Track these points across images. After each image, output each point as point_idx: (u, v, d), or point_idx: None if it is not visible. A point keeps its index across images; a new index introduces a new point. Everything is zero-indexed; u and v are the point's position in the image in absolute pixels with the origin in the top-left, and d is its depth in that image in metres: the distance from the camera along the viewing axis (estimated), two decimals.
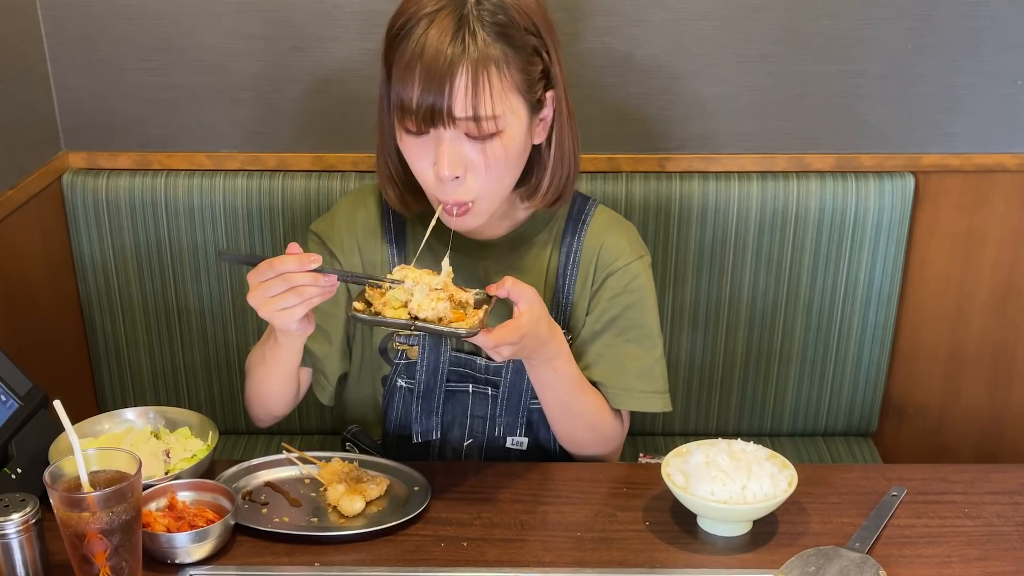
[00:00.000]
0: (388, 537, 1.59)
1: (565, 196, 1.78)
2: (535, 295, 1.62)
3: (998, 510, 1.66)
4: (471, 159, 1.62)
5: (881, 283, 2.31)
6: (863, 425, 2.45)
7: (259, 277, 1.54)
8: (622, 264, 1.82)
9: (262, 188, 2.26)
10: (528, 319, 1.60)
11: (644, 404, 1.85)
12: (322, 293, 1.55)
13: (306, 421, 2.43)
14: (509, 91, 1.61)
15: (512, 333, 1.57)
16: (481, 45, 1.57)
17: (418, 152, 1.64)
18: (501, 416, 1.85)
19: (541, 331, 1.64)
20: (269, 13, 2.19)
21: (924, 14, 2.18)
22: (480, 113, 1.58)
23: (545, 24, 1.66)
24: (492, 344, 1.57)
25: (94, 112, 2.27)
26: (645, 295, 1.84)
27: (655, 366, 1.85)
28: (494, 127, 1.60)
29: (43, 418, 1.69)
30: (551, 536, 1.60)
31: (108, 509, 1.36)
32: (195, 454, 1.72)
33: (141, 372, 2.40)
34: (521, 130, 1.65)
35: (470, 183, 1.64)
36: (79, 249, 2.30)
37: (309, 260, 1.52)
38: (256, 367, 1.82)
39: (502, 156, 1.63)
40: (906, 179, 2.27)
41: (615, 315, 1.82)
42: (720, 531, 1.60)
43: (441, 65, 1.56)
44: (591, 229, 1.84)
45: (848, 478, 1.75)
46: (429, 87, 1.56)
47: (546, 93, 1.68)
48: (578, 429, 1.83)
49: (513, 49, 1.60)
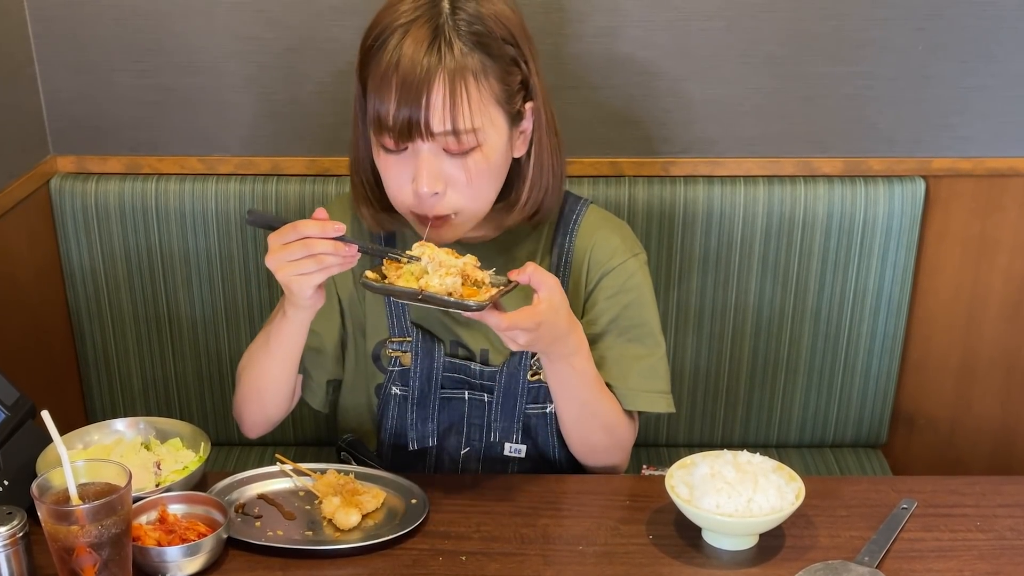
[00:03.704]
0: (385, 551, 1.58)
1: (544, 211, 1.78)
2: (556, 284, 1.59)
3: (1011, 523, 1.65)
4: (451, 174, 1.62)
5: (891, 290, 2.30)
6: (872, 436, 2.44)
7: (281, 239, 1.54)
8: (617, 263, 1.82)
9: (255, 193, 2.25)
10: (547, 307, 1.57)
11: (650, 404, 1.84)
12: (342, 263, 1.55)
13: (300, 432, 2.43)
14: (488, 103, 1.61)
15: (528, 319, 1.54)
16: (458, 55, 1.57)
17: (396, 170, 1.64)
18: (497, 421, 1.85)
19: (560, 323, 1.62)
20: (263, 13, 2.19)
21: (934, 14, 2.18)
22: (459, 126, 1.58)
23: (523, 34, 1.66)
24: (505, 326, 1.54)
25: (83, 115, 2.27)
26: (643, 293, 1.84)
27: (658, 365, 1.85)
28: (474, 141, 1.60)
29: (30, 429, 1.68)
30: (552, 550, 1.59)
31: (97, 522, 1.37)
32: (187, 466, 1.72)
33: (131, 382, 2.40)
34: (501, 143, 1.65)
35: (450, 198, 1.64)
36: (68, 255, 2.30)
37: (333, 228, 1.53)
38: (257, 354, 1.81)
39: (484, 170, 1.63)
40: (916, 184, 2.25)
41: (615, 315, 1.82)
42: (725, 545, 1.59)
43: (417, 76, 1.55)
44: (582, 229, 1.84)
45: (857, 490, 1.74)
46: (406, 99, 1.56)
47: (525, 105, 1.69)
48: (595, 430, 1.81)
49: (491, 59, 1.60)
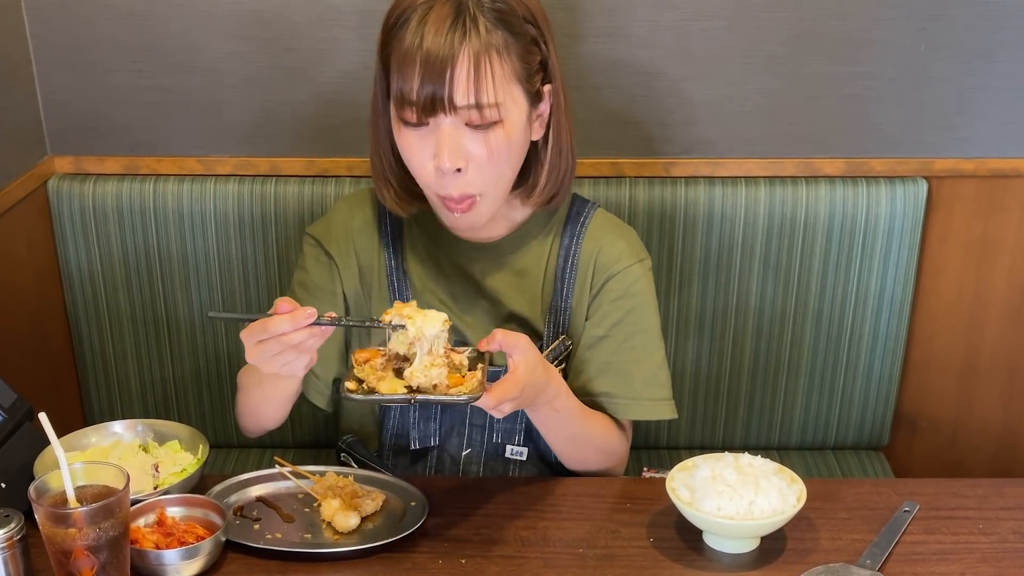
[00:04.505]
0: (384, 554, 1.58)
1: (562, 193, 1.80)
2: (527, 344, 1.59)
3: (1013, 526, 1.65)
4: (472, 151, 1.63)
5: (892, 292, 2.29)
6: (874, 438, 2.43)
7: (254, 338, 1.49)
8: (622, 267, 1.82)
9: (254, 194, 2.25)
10: (524, 370, 1.57)
11: (654, 412, 1.84)
12: (323, 337, 1.51)
13: (299, 434, 2.42)
14: (510, 79, 1.62)
15: (512, 388, 1.55)
16: (483, 32, 1.59)
17: (417, 145, 1.64)
18: (499, 423, 1.84)
19: (538, 378, 1.62)
20: (262, 13, 2.18)
21: (936, 14, 2.17)
22: (483, 100, 1.59)
23: (541, 14, 1.69)
24: (493, 404, 1.54)
25: (81, 115, 2.26)
26: (647, 299, 1.85)
27: (660, 371, 1.85)
28: (496, 115, 1.61)
29: (28, 431, 1.67)
30: (552, 553, 1.59)
31: (95, 525, 1.36)
32: (185, 468, 1.71)
33: (129, 384, 2.39)
34: (521, 120, 1.66)
35: (471, 176, 1.64)
36: (65, 257, 2.29)
37: (304, 316, 1.47)
38: (251, 388, 1.79)
39: (504, 145, 1.64)
40: (918, 184, 2.25)
41: (617, 319, 1.82)
42: (726, 548, 1.59)
43: (442, 52, 1.57)
44: (589, 232, 1.85)
45: (859, 493, 1.74)
46: (430, 75, 1.57)
47: (544, 86, 1.69)
48: (587, 454, 1.82)
49: (513, 36, 1.62)
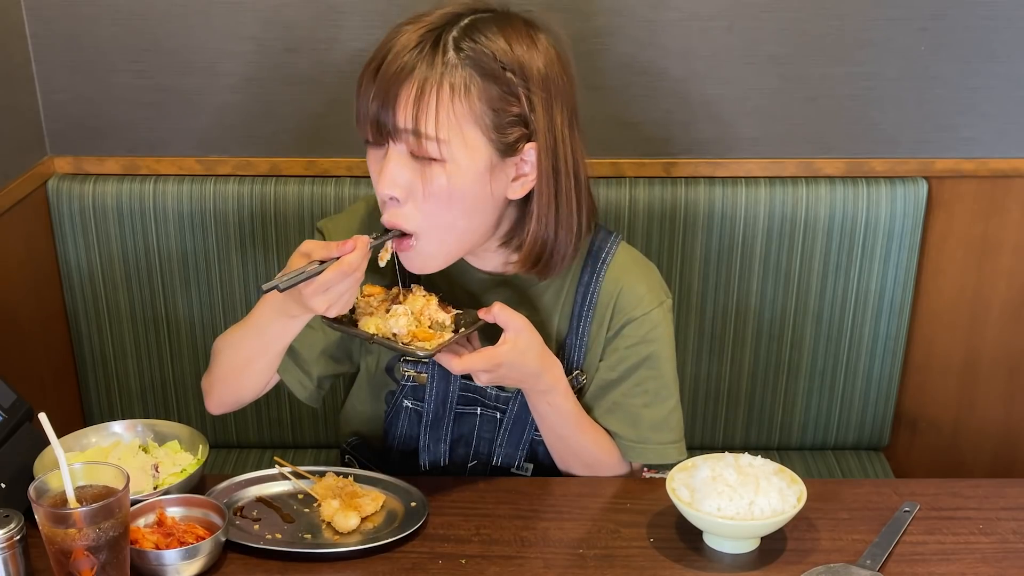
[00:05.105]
0: (384, 554, 1.57)
1: (556, 266, 1.68)
2: (524, 325, 1.58)
3: (1014, 526, 1.64)
4: (410, 182, 1.55)
5: (893, 292, 2.29)
6: (874, 439, 2.43)
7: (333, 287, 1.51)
8: (641, 312, 1.76)
9: (254, 194, 2.24)
10: (508, 349, 1.56)
11: (659, 456, 1.80)
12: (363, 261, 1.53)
13: (299, 435, 2.42)
14: (464, 120, 1.53)
15: (485, 360, 1.55)
16: (443, 63, 1.52)
17: (374, 167, 1.60)
18: (502, 446, 1.82)
19: (527, 363, 1.61)
20: (262, 13, 2.18)
21: (937, 14, 2.17)
22: (421, 129, 1.51)
23: (540, 76, 1.57)
24: (458, 369, 1.54)
25: (80, 115, 2.26)
26: (664, 345, 1.79)
27: (671, 416, 1.80)
28: (436, 151, 1.53)
29: (28, 431, 1.67)
30: (552, 553, 1.58)
31: (95, 525, 1.36)
32: (185, 468, 1.71)
33: (129, 384, 2.39)
34: (472, 168, 1.55)
35: (408, 211, 1.57)
36: (65, 257, 2.29)
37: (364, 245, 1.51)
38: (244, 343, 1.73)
39: (443, 189, 1.54)
40: (919, 185, 2.25)
41: (632, 365, 1.77)
42: (727, 548, 1.58)
43: (395, 71, 1.52)
44: (610, 271, 1.76)
45: (859, 493, 1.73)
46: (380, 92, 1.53)
47: (525, 144, 1.59)
48: (573, 465, 1.81)
49: (483, 79, 1.53)
